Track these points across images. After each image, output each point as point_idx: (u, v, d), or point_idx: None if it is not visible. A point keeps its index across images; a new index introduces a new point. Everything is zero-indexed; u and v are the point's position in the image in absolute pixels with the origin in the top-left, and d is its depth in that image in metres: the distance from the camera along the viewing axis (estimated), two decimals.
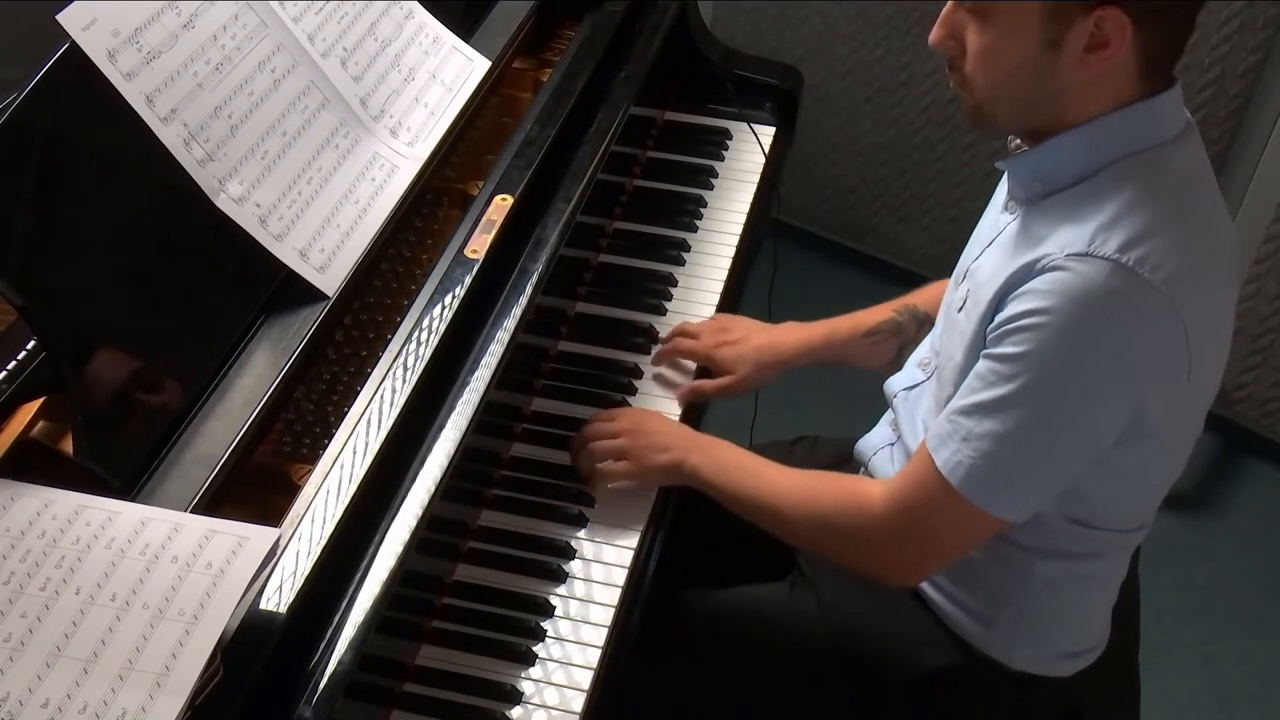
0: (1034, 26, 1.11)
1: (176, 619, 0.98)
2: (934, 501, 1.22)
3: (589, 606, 1.33)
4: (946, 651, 1.38)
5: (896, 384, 1.46)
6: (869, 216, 2.89)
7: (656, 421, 1.46)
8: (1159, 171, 1.16)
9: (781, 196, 1.92)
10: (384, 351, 1.28)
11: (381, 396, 1.22)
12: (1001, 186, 1.32)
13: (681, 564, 1.48)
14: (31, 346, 1.17)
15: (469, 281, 1.34)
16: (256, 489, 1.22)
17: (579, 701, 1.25)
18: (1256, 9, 2.22)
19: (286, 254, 1.30)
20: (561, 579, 1.35)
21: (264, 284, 1.30)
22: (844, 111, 2.77)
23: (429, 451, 1.22)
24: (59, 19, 1.17)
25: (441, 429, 1.23)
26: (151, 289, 1.22)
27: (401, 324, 1.31)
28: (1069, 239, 1.13)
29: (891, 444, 1.45)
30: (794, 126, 1.97)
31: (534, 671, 1.27)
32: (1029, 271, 1.15)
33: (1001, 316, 1.16)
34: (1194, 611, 2.34)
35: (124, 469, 1.14)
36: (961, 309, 1.26)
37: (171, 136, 1.23)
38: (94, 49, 1.19)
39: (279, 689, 1.04)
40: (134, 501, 1.12)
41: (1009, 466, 1.18)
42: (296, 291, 1.30)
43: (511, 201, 1.42)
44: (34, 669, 0.95)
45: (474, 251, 1.37)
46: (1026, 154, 1.22)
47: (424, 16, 1.57)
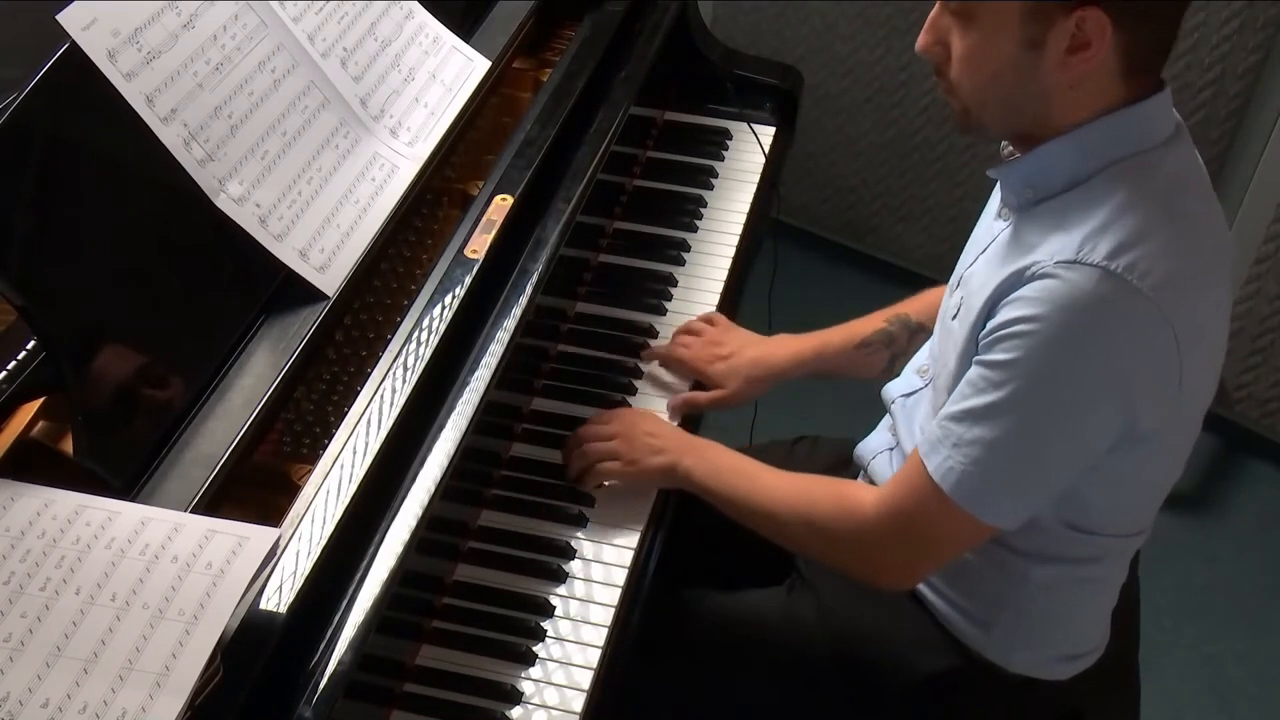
0: (1015, 28, 1.12)
1: (176, 619, 0.98)
2: (926, 507, 1.22)
3: (589, 606, 1.33)
4: (945, 654, 1.38)
5: (895, 390, 1.46)
6: (869, 216, 2.89)
7: (651, 423, 1.46)
8: (1149, 176, 1.16)
9: (781, 196, 1.92)
10: (384, 351, 1.28)
11: (381, 396, 1.22)
12: (996, 193, 1.32)
13: (682, 564, 1.48)
14: (31, 346, 1.17)
15: (469, 281, 1.34)
16: (256, 489, 1.22)
17: (579, 701, 1.25)
18: (1256, 9, 2.22)
19: (286, 254, 1.30)
20: (561, 579, 1.35)
21: (264, 284, 1.30)
22: (844, 111, 2.77)
23: (429, 451, 1.22)
24: (59, 19, 1.17)
25: (441, 429, 1.23)
26: (151, 289, 1.22)
27: (401, 324, 1.31)
28: (1058, 246, 1.13)
29: (891, 448, 1.45)
30: (794, 126, 1.97)
31: (534, 671, 1.27)
32: (1019, 279, 1.15)
33: (992, 323, 1.16)
34: (1194, 611, 2.34)
35: (124, 469, 1.14)
36: (955, 316, 1.26)
37: (171, 136, 1.23)
38: (94, 49, 1.19)
39: (279, 689, 1.04)
40: (134, 501, 1.12)
41: (999, 473, 1.18)
42: (296, 291, 1.30)
43: (511, 201, 1.42)
44: (34, 669, 0.95)
45: (474, 251, 1.37)
46: (1018, 161, 1.22)
47: (424, 16, 1.57)
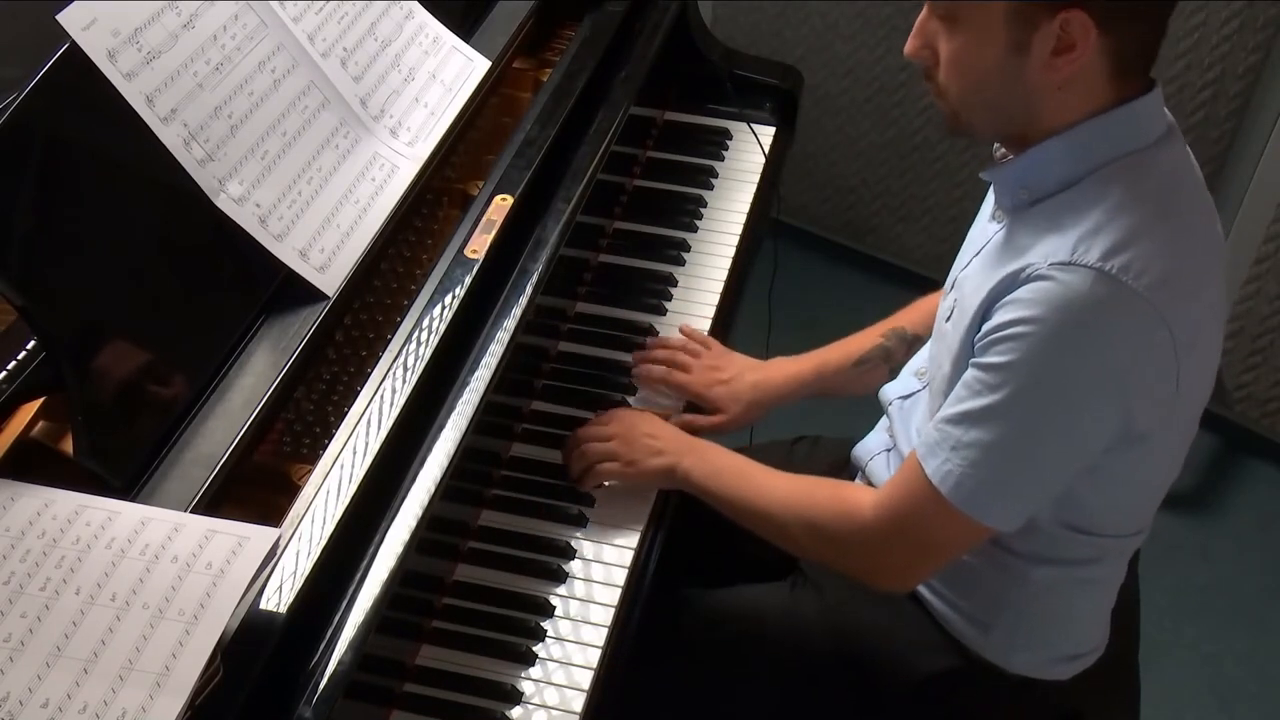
0: (1000, 31, 1.12)
1: (176, 619, 0.98)
2: (924, 509, 1.22)
3: (589, 606, 1.33)
4: (945, 654, 1.38)
5: (892, 392, 1.46)
6: (869, 216, 2.88)
7: (650, 424, 1.46)
8: (1141, 176, 1.16)
9: (781, 196, 1.92)
10: (384, 351, 1.28)
11: (381, 396, 1.22)
12: (990, 195, 1.32)
13: (684, 563, 1.48)
14: (31, 346, 1.17)
15: (469, 281, 1.34)
16: (256, 489, 1.22)
17: (579, 701, 1.25)
18: (1256, 9, 2.22)
19: (286, 254, 1.30)
20: (561, 579, 1.35)
21: (264, 284, 1.30)
22: (844, 111, 2.77)
23: (429, 451, 1.22)
24: (59, 19, 1.17)
25: (441, 429, 1.23)
26: (151, 289, 1.22)
27: (401, 324, 1.31)
28: (1053, 248, 1.13)
29: (888, 449, 1.45)
30: (794, 126, 1.97)
31: (534, 671, 1.27)
32: (1014, 281, 1.15)
33: (988, 326, 1.16)
34: (1194, 611, 2.34)
35: (124, 469, 1.14)
36: (949, 319, 1.26)
37: (171, 136, 1.23)
38: (94, 49, 1.19)
39: (279, 689, 1.04)
40: (134, 501, 1.12)
41: (997, 475, 1.18)
42: (296, 291, 1.30)
43: (511, 201, 1.42)
44: (34, 669, 0.95)
45: (474, 251, 1.37)
46: (1010, 163, 1.22)
47: (424, 16, 1.57)
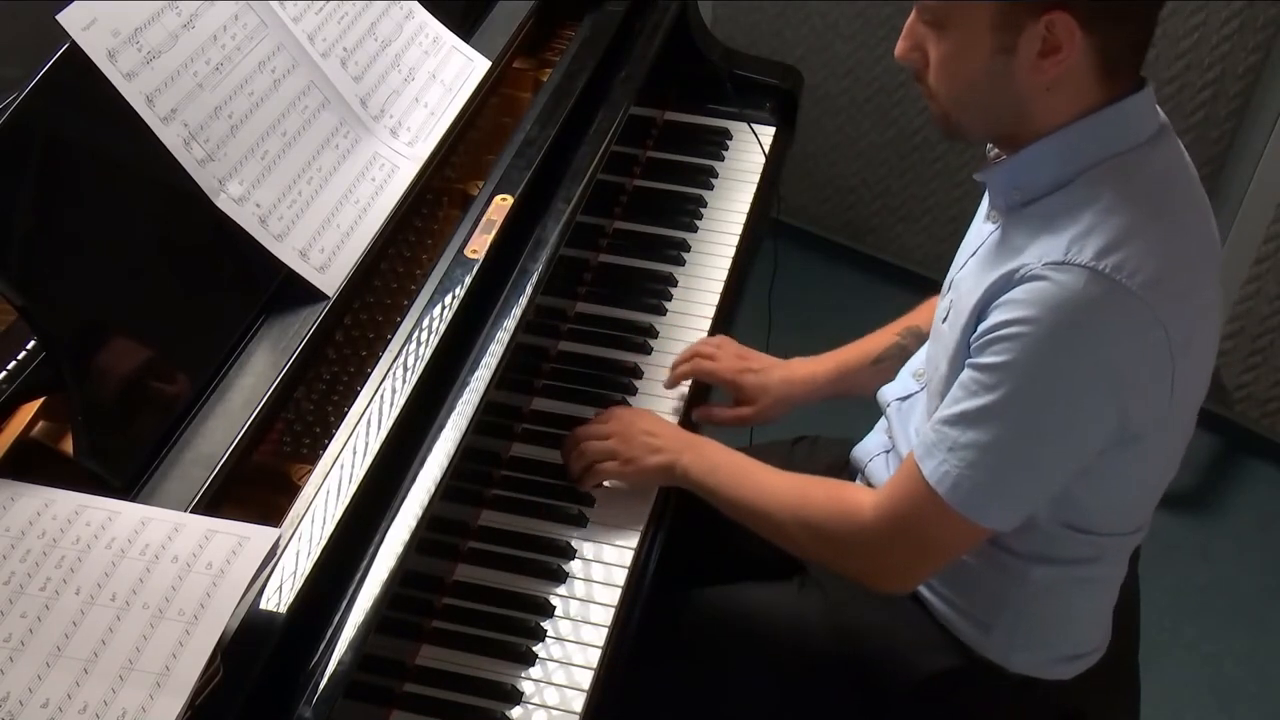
0: (986, 34, 1.12)
1: (176, 619, 0.98)
2: (922, 511, 1.22)
3: (589, 606, 1.33)
4: (947, 654, 1.38)
5: (890, 393, 1.46)
6: (869, 216, 2.88)
7: (648, 422, 1.45)
8: (1134, 175, 1.16)
9: (781, 196, 1.92)
10: (384, 351, 1.28)
11: (381, 396, 1.22)
12: (986, 197, 1.32)
13: (684, 562, 1.48)
14: (31, 346, 1.17)
15: (469, 281, 1.34)
16: (256, 489, 1.22)
17: (579, 701, 1.25)
18: (1256, 9, 2.22)
19: (286, 254, 1.30)
20: (561, 579, 1.35)
21: (264, 284, 1.30)
22: (844, 111, 2.77)
23: (429, 451, 1.22)
24: (59, 19, 1.17)
25: (441, 429, 1.23)
26: (151, 289, 1.22)
27: (401, 324, 1.31)
28: (1046, 248, 1.13)
29: (887, 451, 1.45)
30: (794, 126, 1.97)
31: (534, 671, 1.27)
32: (1009, 281, 1.15)
33: (983, 326, 1.17)
34: (1194, 611, 2.34)
35: (124, 469, 1.14)
36: (946, 320, 1.26)
37: (171, 136, 1.23)
38: (94, 49, 1.19)
39: (279, 689, 1.04)
40: (134, 501, 1.12)
41: (994, 475, 1.18)
42: (296, 291, 1.30)
43: (511, 201, 1.42)
44: (34, 669, 0.95)
45: (474, 251, 1.37)
46: (1003, 164, 1.22)
47: (424, 16, 1.57)
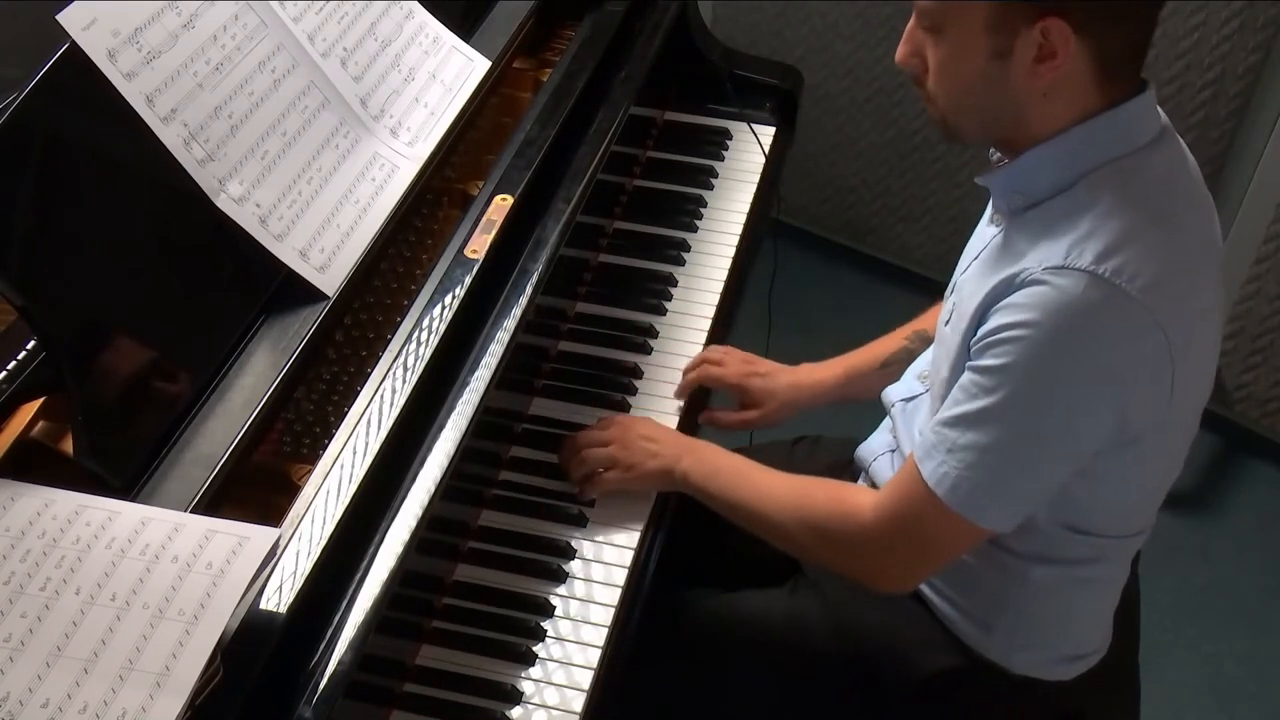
0: (982, 39, 1.12)
1: (176, 619, 0.98)
2: (921, 512, 1.22)
3: (589, 606, 1.33)
4: (948, 654, 1.38)
5: (894, 394, 1.46)
6: (869, 216, 2.88)
7: (646, 427, 1.46)
8: (1134, 179, 1.16)
9: (781, 196, 1.92)
10: (384, 351, 1.28)
11: (381, 396, 1.22)
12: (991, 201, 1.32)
13: (684, 564, 1.48)
14: (31, 346, 1.17)
15: (469, 281, 1.34)
16: (256, 489, 1.22)
17: (579, 701, 1.25)
18: (1256, 9, 2.22)
19: (286, 254, 1.30)
20: (561, 579, 1.35)
21: (264, 284, 1.30)
22: (844, 111, 2.77)
23: (429, 452, 1.22)
24: (59, 19, 1.17)
25: (441, 429, 1.23)
26: (152, 289, 1.22)
27: (401, 324, 1.31)
28: (1047, 252, 1.14)
29: (892, 450, 1.45)
30: (794, 126, 1.97)
31: (534, 671, 1.27)
32: (1009, 285, 1.15)
33: (983, 329, 1.17)
34: (1194, 611, 2.34)
35: (124, 469, 1.14)
36: (949, 322, 1.27)
37: (171, 136, 1.23)
38: (94, 49, 1.19)
39: (279, 689, 1.04)
40: (134, 501, 1.12)
41: (993, 477, 1.19)
42: (296, 291, 1.30)
43: (511, 201, 1.42)
44: (34, 669, 0.95)
45: (474, 251, 1.37)
46: (1003, 168, 1.22)
47: (424, 16, 1.57)
